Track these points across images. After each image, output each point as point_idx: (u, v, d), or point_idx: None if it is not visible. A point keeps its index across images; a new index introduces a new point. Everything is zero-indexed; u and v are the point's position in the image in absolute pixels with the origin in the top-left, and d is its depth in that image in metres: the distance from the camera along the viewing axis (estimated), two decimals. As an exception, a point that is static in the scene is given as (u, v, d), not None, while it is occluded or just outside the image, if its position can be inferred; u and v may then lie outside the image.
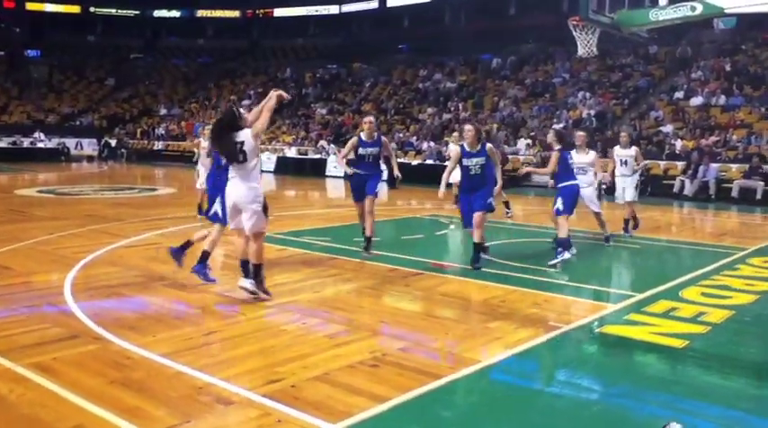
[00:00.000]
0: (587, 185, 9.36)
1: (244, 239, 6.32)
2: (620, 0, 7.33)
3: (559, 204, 8.38)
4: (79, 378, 4.22)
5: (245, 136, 5.91)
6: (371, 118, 8.81)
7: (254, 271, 6.17)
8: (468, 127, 8.13)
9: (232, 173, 6.07)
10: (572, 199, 8.47)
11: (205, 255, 6.68)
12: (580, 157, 9.39)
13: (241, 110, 6.25)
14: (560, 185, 8.51)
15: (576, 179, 8.66)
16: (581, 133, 10.11)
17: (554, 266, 7.91)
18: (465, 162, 7.93)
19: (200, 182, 11.55)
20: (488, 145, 8.02)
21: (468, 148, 7.94)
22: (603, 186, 9.50)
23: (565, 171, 8.52)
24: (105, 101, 42.58)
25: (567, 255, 8.04)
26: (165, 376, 4.31)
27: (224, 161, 6.31)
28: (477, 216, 7.77)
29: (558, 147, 8.55)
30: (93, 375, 4.28)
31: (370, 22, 43.69)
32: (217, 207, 6.75)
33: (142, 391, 4.04)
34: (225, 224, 6.65)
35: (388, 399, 3.93)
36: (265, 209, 6.21)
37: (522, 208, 15.91)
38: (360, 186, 8.63)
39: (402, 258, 8.37)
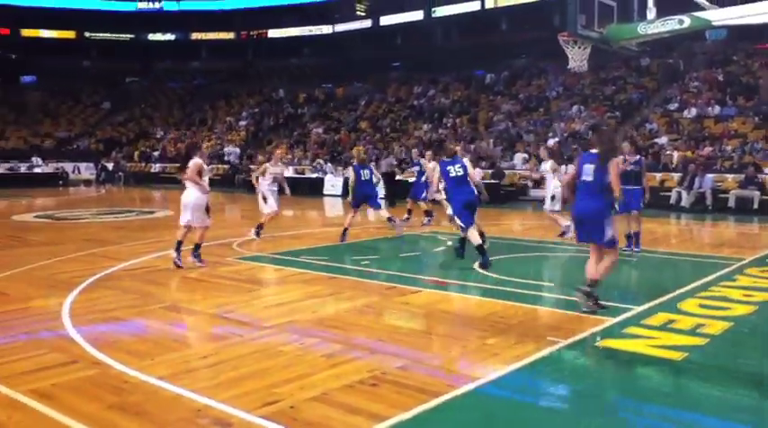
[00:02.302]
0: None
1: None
2: (608, 15, 7.41)
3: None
4: (77, 404, 4.21)
5: (192, 163, 8.91)
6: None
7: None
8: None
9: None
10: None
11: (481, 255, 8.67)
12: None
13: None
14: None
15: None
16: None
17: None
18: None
19: (270, 205, 11.90)
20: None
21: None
22: None
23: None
24: (101, 124, 42.70)
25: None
26: (163, 399, 4.31)
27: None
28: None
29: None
30: (91, 400, 4.28)
31: (363, 40, 43.94)
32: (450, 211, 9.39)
33: (140, 415, 4.04)
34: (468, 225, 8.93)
35: (386, 418, 3.92)
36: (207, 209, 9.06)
37: (521, 222, 15.95)
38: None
39: (401, 275, 8.37)
